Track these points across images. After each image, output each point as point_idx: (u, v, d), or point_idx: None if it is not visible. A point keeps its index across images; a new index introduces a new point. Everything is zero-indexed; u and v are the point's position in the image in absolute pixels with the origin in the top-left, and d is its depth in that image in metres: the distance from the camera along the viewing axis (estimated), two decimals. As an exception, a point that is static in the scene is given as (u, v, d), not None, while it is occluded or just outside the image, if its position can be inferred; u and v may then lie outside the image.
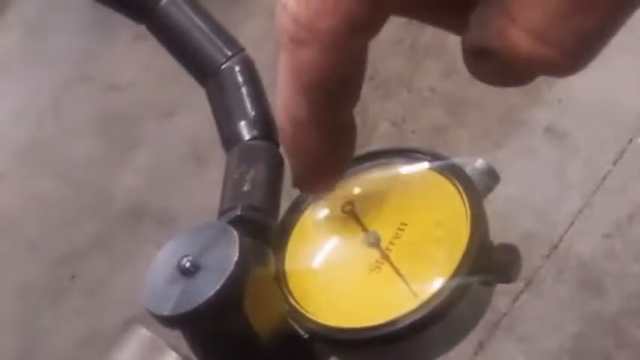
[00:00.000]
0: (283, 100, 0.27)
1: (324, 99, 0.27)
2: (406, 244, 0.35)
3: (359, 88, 0.28)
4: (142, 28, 0.46)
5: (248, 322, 0.34)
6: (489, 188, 0.37)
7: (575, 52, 0.22)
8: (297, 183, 0.32)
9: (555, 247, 1.27)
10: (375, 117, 1.53)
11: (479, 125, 1.48)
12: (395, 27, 1.61)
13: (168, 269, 0.33)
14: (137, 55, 1.83)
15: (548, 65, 0.22)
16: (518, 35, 0.22)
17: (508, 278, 0.34)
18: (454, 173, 0.36)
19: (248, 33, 1.64)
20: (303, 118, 0.27)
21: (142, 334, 0.36)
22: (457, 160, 0.37)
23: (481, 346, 1.21)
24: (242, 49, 0.44)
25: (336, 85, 0.26)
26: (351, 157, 0.31)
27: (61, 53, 2.02)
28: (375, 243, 0.35)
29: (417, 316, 0.32)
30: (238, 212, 0.37)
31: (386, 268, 0.34)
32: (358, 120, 0.29)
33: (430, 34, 1.63)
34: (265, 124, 0.42)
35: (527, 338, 1.21)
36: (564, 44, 0.22)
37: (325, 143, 0.29)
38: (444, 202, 0.35)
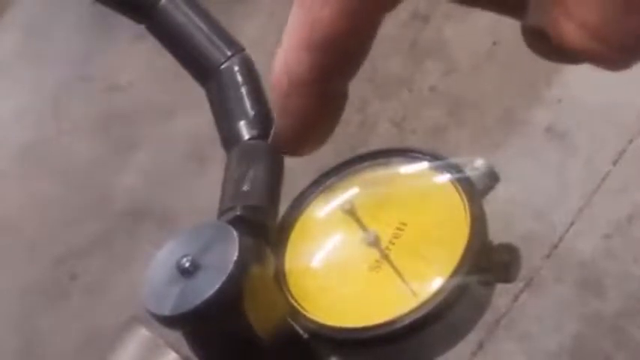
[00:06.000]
0: (286, 54, 0.27)
1: (327, 60, 0.27)
2: (406, 243, 0.35)
3: (360, 62, 0.28)
4: (142, 28, 0.46)
5: (248, 322, 0.34)
6: (489, 188, 0.37)
7: (625, 50, 0.23)
8: (275, 142, 0.31)
9: (555, 247, 1.27)
10: (375, 117, 1.53)
11: (479, 125, 1.48)
12: (395, 26, 1.60)
13: (168, 269, 0.34)
14: (137, 55, 1.82)
15: (598, 59, 0.23)
16: (572, 29, 0.23)
17: (508, 278, 0.34)
18: (454, 173, 0.36)
19: (248, 33, 1.64)
20: (302, 75, 0.27)
21: (142, 334, 0.36)
22: (457, 160, 0.37)
23: (481, 346, 1.21)
24: (242, 49, 0.44)
25: (342, 49, 0.27)
26: (333, 129, 0.31)
27: (61, 53, 2.02)
28: (374, 242, 0.35)
29: (416, 316, 0.32)
30: (238, 212, 0.37)
31: (385, 267, 0.34)
32: (358, 120, 0.29)
33: (430, 33, 1.63)
34: (265, 124, 0.42)
35: (527, 338, 1.21)
36: (616, 42, 0.22)
37: (315, 106, 0.29)
38: (444, 202, 0.35)
